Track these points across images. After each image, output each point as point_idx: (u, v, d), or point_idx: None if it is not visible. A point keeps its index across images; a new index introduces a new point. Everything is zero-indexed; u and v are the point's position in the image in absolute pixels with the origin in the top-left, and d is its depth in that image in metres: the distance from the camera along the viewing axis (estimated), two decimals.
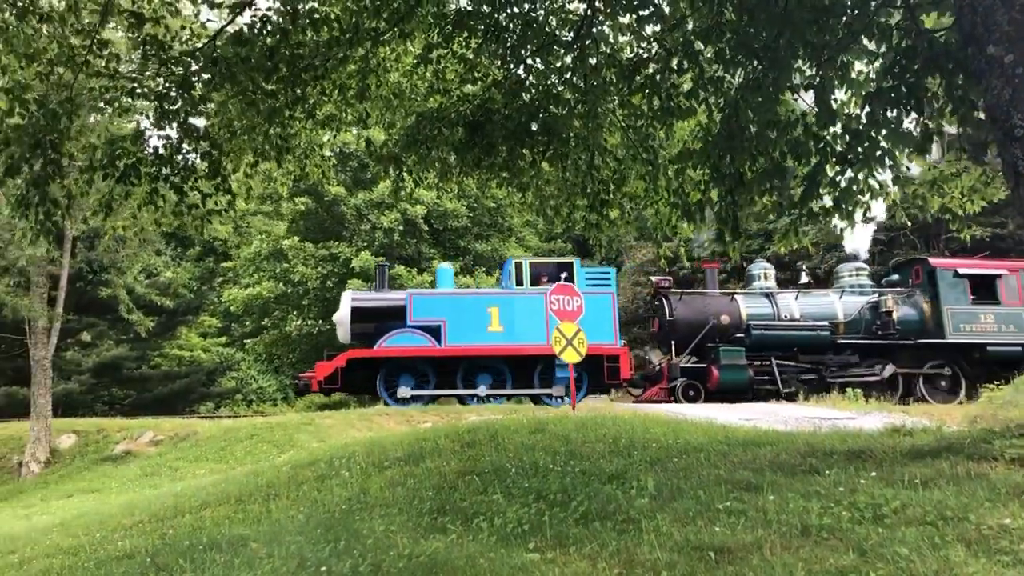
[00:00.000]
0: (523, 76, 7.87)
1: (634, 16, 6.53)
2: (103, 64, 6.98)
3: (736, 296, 19.38)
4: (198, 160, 7.53)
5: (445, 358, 17.44)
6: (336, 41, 7.03)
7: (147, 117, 7.56)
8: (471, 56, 7.93)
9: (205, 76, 7.05)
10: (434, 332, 17.49)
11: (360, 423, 14.01)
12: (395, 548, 4.74)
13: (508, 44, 7.52)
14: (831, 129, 5.87)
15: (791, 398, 17.33)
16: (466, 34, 7.54)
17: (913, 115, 5.46)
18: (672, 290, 19.30)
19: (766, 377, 17.95)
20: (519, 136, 7.92)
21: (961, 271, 18.51)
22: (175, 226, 8.00)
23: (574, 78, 7.56)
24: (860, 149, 5.59)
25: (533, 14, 7.29)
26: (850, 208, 5.81)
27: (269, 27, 6.98)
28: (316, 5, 7.18)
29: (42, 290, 15.35)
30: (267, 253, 26.85)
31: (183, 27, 7.61)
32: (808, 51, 5.73)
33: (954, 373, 18.35)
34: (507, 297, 18.00)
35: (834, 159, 5.75)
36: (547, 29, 7.34)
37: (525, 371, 17.86)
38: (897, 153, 5.65)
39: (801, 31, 5.49)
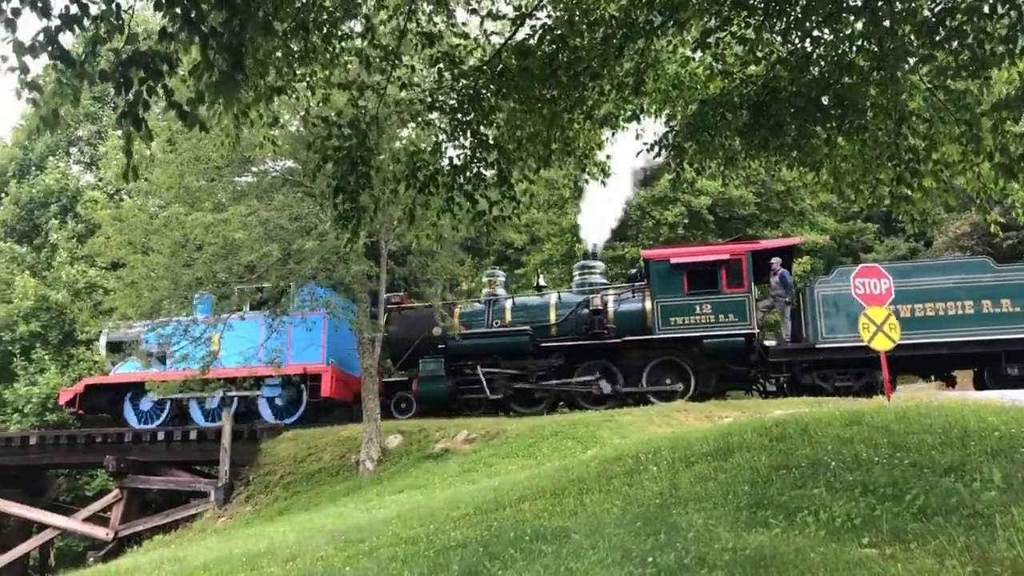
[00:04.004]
0: (810, 49, 7.45)
1: None
2: (403, 80, 7.65)
3: (456, 306, 19.03)
4: (484, 170, 7.96)
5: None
6: (611, 37, 7.09)
7: (444, 130, 8.11)
8: (752, 36, 7.64)
9: (492, 88, 7.43)
10: (162, 359, 18.88)
11: (659, 419, 14.05)
12: (717, 541, 4.68)
13: (791, 18, 7.17)
14: None
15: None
16: (745, 13, 7.28)
17: None
18: (390, 305, 18.93)
19: (476, 386, 17.75)
20: (809, 112, 7.50)
21: (675, 261, 17.25)
22: (470, 233, 8.55)
23: (867, 44, 7.03)
24: None
25: None
26: None
27: (548, 36, 7.22)
28: (590, 6, 7.29)
29: (365, 304, 17.01)
30: (559, 257, 27.64)
31: (466, 37, 8.06)
32: None
33: (683, 370, 17.20)
34: (229, 322, 18.73)
35: None
36: None
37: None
38: None
39: None
